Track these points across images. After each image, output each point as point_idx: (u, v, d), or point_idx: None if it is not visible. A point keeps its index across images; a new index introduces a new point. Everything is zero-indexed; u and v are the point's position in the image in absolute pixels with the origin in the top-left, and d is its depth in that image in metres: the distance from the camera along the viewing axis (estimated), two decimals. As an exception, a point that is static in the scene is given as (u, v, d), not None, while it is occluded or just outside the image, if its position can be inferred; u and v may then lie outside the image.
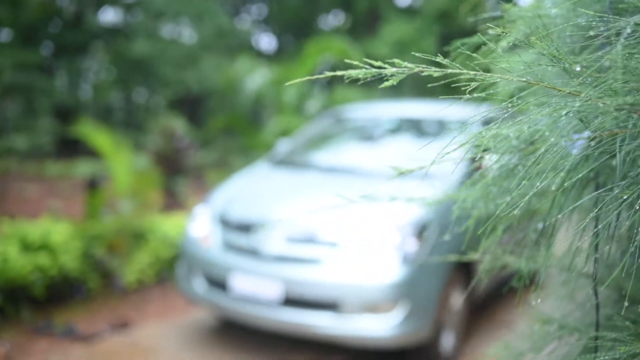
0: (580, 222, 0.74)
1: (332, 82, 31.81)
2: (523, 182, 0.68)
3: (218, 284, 3.84)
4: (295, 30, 30.52)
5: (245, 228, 3.86)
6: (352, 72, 0.66)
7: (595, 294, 0.82)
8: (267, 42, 34.91)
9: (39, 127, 23.39)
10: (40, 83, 27.40)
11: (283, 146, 5.30)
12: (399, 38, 18.38)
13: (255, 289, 3.58)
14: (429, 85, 0.89)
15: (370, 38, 20.75)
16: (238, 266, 3.71)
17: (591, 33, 0.87)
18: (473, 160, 0.88)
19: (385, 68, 0.66)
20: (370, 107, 5.83)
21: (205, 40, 24.00)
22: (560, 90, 0.60)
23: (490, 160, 3.47)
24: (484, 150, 0.79)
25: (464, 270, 4.00)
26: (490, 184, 0.77)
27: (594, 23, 0.78)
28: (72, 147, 32.06)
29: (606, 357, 0.71)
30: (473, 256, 0.99)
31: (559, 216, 0.73)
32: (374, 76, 0.68)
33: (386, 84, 0.69)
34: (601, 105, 0.59)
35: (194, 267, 4.00)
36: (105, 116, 39.33)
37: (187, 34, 25.40)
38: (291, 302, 3.50)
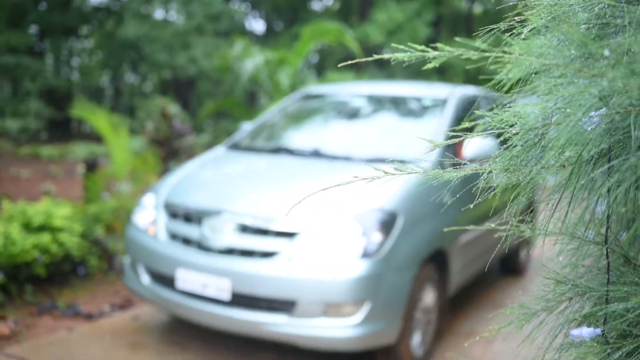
0: (595, 190, 0.82)
1: (322, 66, 31.62)
2: (543, 154, 0.77)
3: (162, 277, 3.52)
4: (285, 13, 30.40)
5: (190, 217, 3.53)
6: (399, 55, 0.73)
7: (607, 255, 0.90)
8: (257, 24, 34.72)
9: (28, 109, 23.23)
10: (29, 65, 27.13)
11: (244, 129, 4.96)
12: (393, 21, 18.35)
13: (201, 284, 3.25)
14: (422, 68, 0.95)
15: (362, 21, 20.71)
16: (182, 259, 3.36)
17: (604, 21, 0.95)
18: (499, 136, 0.95)
19: (428, 52, 0.73)
20: (342, 86, 5.43)
21: (196, 23, 23.85)
22: (586, 72, 0.68)
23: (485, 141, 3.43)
24: (511, 126, 0.86)
25: (437, 263, 3.73)
26: (515, 155, 0.85)
27: (609, 11, 0.86)
28: (63, 130, 31.81)
29: (619, 307, 0.80)
30: (490, 225, 1.07)
31: (577, 186, 0.81)
32: (416, 59, 0.75)
33: (429, 65, 0.76)
34: (621, 85, 0.67)
35: (138, 259, 3.69)
36: (94, 99, 39.01)
37: (177, 16, 25.23)
38: (240, 299, 3.18)
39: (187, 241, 3.47)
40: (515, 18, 0.89)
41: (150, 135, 8.10)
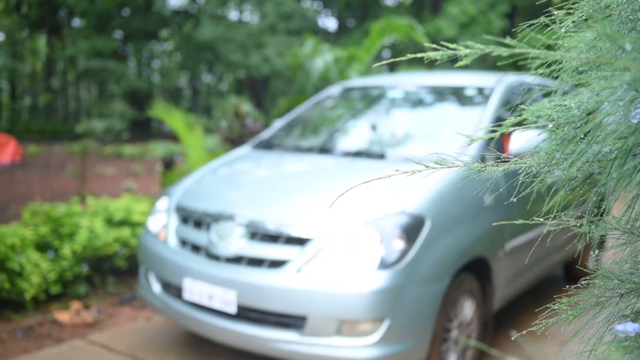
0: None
1: (395, 62, 31.33)
2: (582, 147, 0.76)
3: (171, 287, 3.31)
4: (357, 9, 30.39)
5: (200, 222, 3.28)
6: (431, 54, 0.75)
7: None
8: (329, 22, 34.91)
9: (113, 110, 24.44)
10: (113, 68, 28.51)
11: (274, 125, 4.65)
12: (466, 14, 17.98)
13: (207, 295, 3.00)
14: (498, 64, 0.96)
15: (434, 15, 20.41)
16: (189, 267, 3.12)
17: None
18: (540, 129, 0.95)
19: (459, 50, 0.74)
20: (382, 78, 4.98)
21: (268, 23, 24.31)
22: (613, 64, 0.68)
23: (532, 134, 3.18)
24: (552, 121, 0.86)
25: (477, 274, 3.29)
26: (554, 149, 0.85)
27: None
28: (145, 129, 33.21)
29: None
30: (538, 220, 1.06)
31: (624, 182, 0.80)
32: (449, 57, 0.77)
33: (460, 63, 0.77)
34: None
35: (149, 267, 3.47)
36: (174, 99, 40.47)
37: (251, 17, 25.79)
38: (247, 312, 2.91)
39: (196, 248, 3.23)
40: (556, 12, 0.89)
41: (224, 134, 8.35)
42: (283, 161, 3.88)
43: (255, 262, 2.94)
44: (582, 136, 0.83)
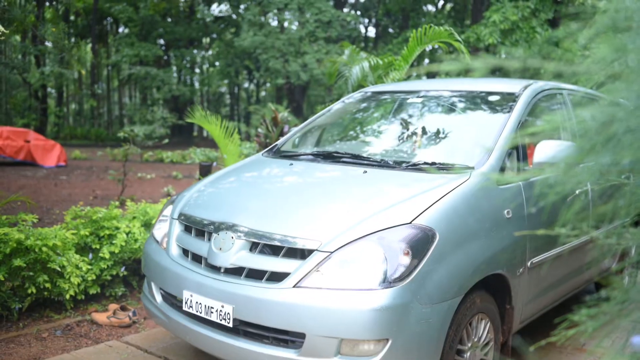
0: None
1: (431, 70, 31.08)
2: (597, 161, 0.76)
3: (171, 296, 3.21)
4: (396, 17, 30.32)
5: (202, 231, 3.16)
6: (445, 67, 0.75)
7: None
8: (368, 29, 34.91)
9: (155, 116, 24.96)
10: (156, 74, 29.12)
11: (289, 134, 4.46)
12: (507, 21, 17.71)
13: (205, 307, 2.89)
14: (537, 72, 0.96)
15: (475, 22, 20.21)
16: (188, 278, 3.01)
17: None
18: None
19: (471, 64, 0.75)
20: (406, 84, 4.75)
21: (308, 30, 24.46)
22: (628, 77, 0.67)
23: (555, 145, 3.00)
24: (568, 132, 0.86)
25: (494, 292, 3.08)
26: (573, 162, 0.84)
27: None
28: (186, 135, 33.70)
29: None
30: (559, 230, 1.04)
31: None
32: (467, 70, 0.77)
33: (474, 73, 0.77)
34: None
35: (151, 275, 3.38)
36: (214, 106, 41.05)
37: (290, 24, 25.99)
38: (243, 327, 2.79)
39: (197, 258, 3.10)
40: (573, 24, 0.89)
41: (260, 141, 8.44)
42: (292, 170, 3.71)
43: (255, 275, 2.79)
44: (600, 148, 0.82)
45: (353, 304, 2.51)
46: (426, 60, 29.38)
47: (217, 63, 35.79)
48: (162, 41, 33.98)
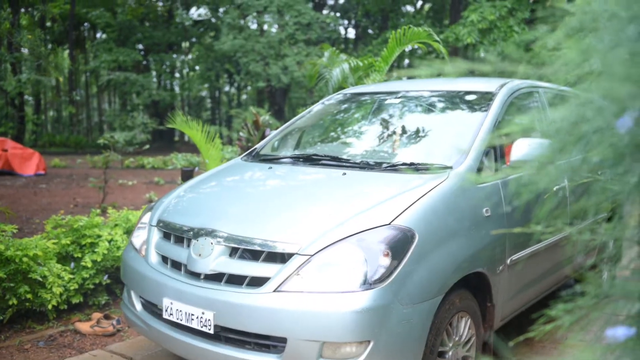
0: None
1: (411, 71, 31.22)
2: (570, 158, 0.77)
3: (151, 304, 3.16)
4: (376, 18, 30.45)
5: (181, 237, 3.11)
6: (420, 72, 0.76)
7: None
8: (347, 31, 35.02)
9: (135, 122, 24.78)
10: (135, 80, 28.90)
11: (268, 137, 4.44)
12: (485, 21, 17.87)
13: (185, 315, 2.85)
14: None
15: (454, 23, 20.37)
16: (168, 285, 2.97)
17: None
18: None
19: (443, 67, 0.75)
20: (383, 85, 4.78)
21: (287, 33, 24.46)
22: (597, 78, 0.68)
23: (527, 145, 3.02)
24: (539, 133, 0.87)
25: (475, 290, 3.09)
26: (545, 161, 0.85)
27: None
28: (167, 140, 33.46)
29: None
30: (533, 228, 1.05)
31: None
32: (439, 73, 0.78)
33: (450, 74, 0.78)
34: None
35: (130, 283, 3.35)
36: (195, 110, 40.85)
37: (270, 27, 25.99)
38: (225, 333, 2.75)
39: (176, 265, 3.06)
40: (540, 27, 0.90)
41: (242, 145, 8.41)
42: (271, 173, 3.68)
43: (236, 280, 2.76)
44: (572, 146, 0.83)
45: (334, 307, 2.50)
46: (406, 61, 29.55)
47: (197, 67, 35.62)
48: (140, 46, 33.74)
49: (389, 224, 2.66)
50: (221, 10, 29.84)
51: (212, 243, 2.88)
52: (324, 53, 9.21)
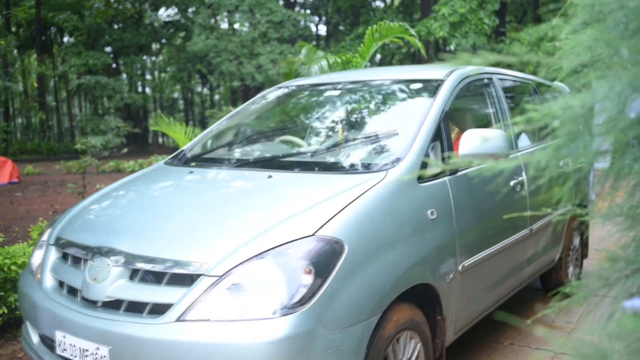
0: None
1: (389, 63, 31.44)
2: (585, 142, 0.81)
3: (46, 339, 2.70)
4: (347, 14, 30.53)
5: (78, 258, 2.67)
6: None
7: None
8: (319, 28, 35.06)
9: (108, 126, 24.47)
10: (106, 83, 28.54)
11: (197, 137, 4.03)
12: (456, 14, 18.06)
13: (79, 350, 2.41)
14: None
15: (425, 17, 20.53)
16: (60, 315, 2.52)
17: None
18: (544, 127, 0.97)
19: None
20: (322, 77, 4.40)
21: (260, 31, 24.40)
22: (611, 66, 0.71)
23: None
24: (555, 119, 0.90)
25: (422, 304, 2.72)
26: (561, 146, 0.89)
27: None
28: (142, 143, 33.11)
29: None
30: (548, 210, 1.10)
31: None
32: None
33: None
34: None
35: (25, 313, 2.87)
36: (168, 112, 40.48)
37: (242, 26, 25.88)
38: None
39: (72, 291, 2.61)
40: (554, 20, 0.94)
41: (224, 144, 8.39)
42: (190, 179, 3.22)
43: (136, 308, 2.33)
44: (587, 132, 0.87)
45: (246, 338, 2.09)
46: (378, 56, 29.70)
47: (168, 69, 35.30)
48: (110, 49, 33.32)
49: (313, 234, 2.26)
50: (190, 10, 29.62)
51: (109, 264, 2.45)
52: (300, 50, 9.22)
